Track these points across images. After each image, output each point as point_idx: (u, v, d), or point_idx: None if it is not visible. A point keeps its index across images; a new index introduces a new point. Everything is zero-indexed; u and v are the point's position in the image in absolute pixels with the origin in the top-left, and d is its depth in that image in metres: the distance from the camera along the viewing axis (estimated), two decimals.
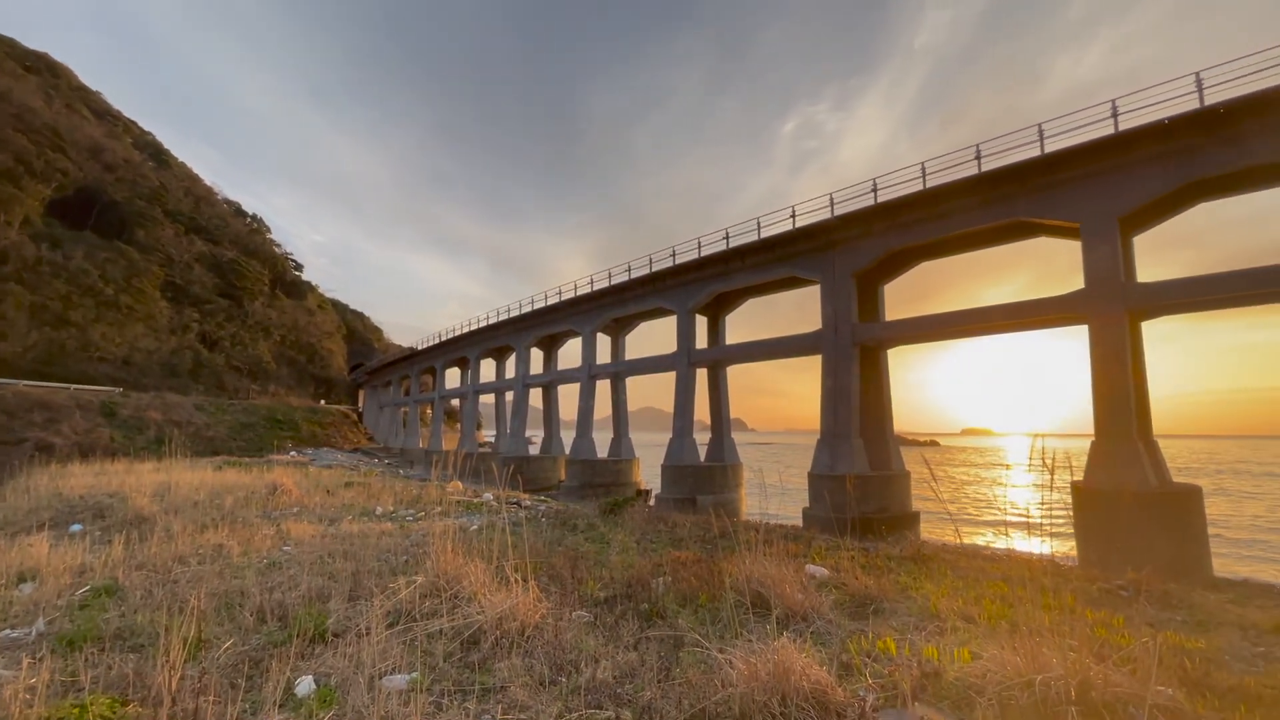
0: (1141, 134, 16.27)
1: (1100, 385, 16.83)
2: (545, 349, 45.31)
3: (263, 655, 3.93)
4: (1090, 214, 17.40)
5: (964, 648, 3.85)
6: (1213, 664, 3.94)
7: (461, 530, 8.17)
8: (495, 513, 10.66)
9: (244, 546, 7.51)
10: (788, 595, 4.76)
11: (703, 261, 28.86)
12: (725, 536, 7.75)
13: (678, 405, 30.22)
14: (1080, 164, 17.46)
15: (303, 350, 79.65)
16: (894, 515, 21.46)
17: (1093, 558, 15.05)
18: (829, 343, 23.60)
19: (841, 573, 5.79)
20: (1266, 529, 32.69)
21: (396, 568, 6.31)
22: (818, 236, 24.10)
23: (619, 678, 3.59)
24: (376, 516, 11.30)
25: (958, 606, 4.91)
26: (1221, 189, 16.94)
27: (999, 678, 3.19)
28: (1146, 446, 16.79)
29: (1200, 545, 15.33)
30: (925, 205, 20.83)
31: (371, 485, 16.57)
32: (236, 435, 49.99)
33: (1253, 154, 15.08)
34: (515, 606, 4.39)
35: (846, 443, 22.20)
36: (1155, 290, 16.65)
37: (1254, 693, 3.39)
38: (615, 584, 5.64)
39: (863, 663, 3.68)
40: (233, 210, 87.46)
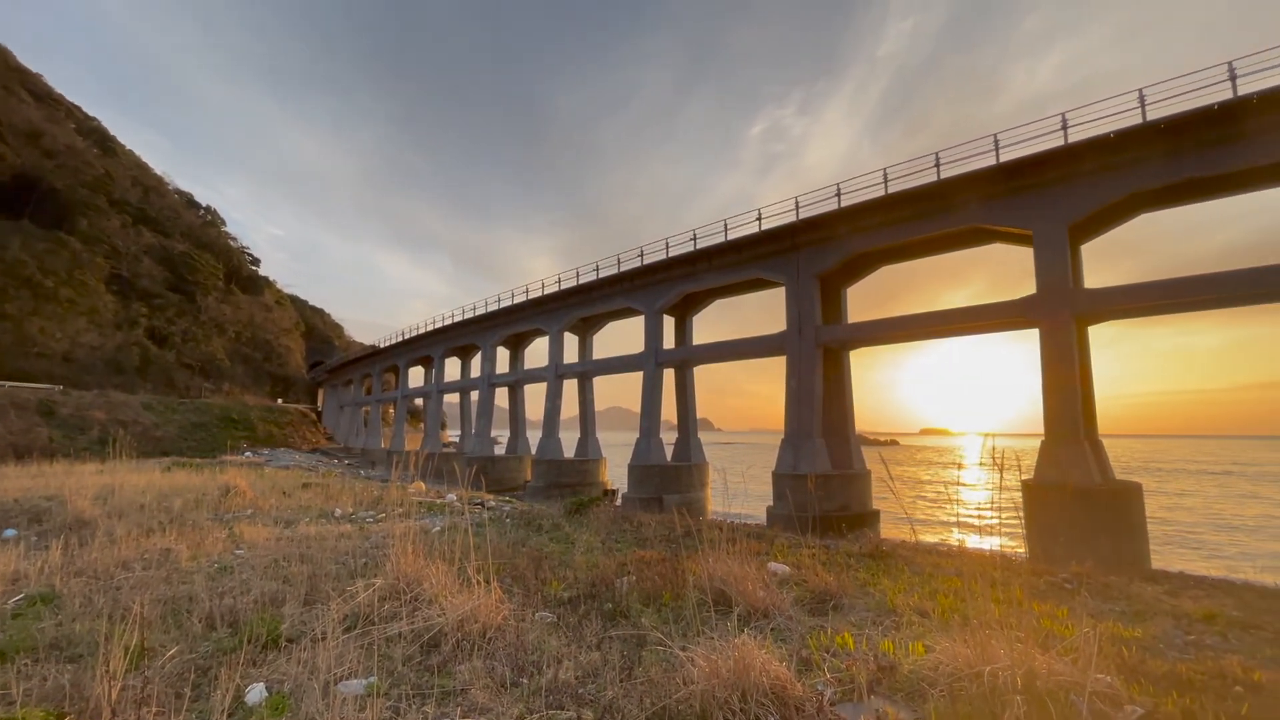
0: (1088, 146, 16.99)
1: (1050, 387, 17.52)
2: (511, 348, 44.87)
3: (211, 663, 3.79)
4: (1042, 222, 18.09)
5: (918, 641, 3.96)
6: (1148, 652, 4.14)
7: (423, 532, 8.03)
8: (458, 514, 10.51)
9: (193, 551, 7.23)
10: (750, 593, 4.82)
11: (670, 262, 28.99)
12: (690, 535, 7.80)
13: (645, 405, 30.29)
14: (1032, 174, 18.14)
15: (259, 347, 77.13)
16: (855, 513, 21.93)
17: (1041, 552, 15.65)
18: (793, 344, 23.98)
19: (803, 570, 5.89)
20: (1202, 524, 34.53)
21: (355, 570, 6.17)
22: (783, 239, 24.46)
23: (581, 678, 3.58)
24: (335, 518, 11.02)
25: (913, 601, 5.05)
26: (1161, 201, 17.83)
27: (950, 669, 3.29)
28: (1092, 445, 17.55)
29: (1140, 539, 16.08)
30: (886, 210, 21.36)
31: (330, 486, 16.15)
32: (187, 435, 48.13)
33: (1189, 168, 15.90)
34: (477, 608, 4.34)
35: (810, 442, 22.59)
36: (1101, 296, 17.41)
37: (1185, 678, 3.58)
38: (579, 584, 5.62)
39: (821, 658, 3.75)
40: (184, 201, 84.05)
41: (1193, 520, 35.66)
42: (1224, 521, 35.50)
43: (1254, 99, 14.52)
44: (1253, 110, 14.69)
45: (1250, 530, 32.43)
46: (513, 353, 44.99)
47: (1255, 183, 16.56)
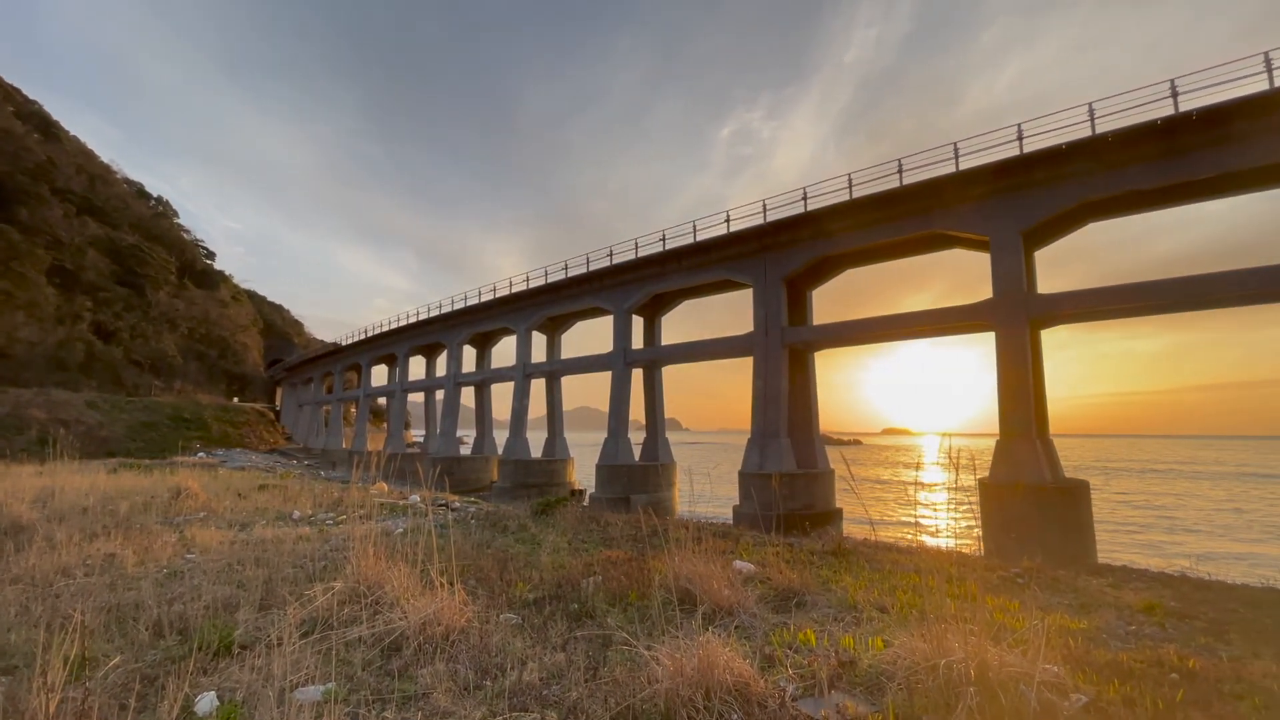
0: (1041, 157, 17.66)
1: (1005, 388, 18.13)
2: (478, 347, 44.31)
3: (159, 672, 3.64)
4: (998, 228, 18.72)
5: (878, 636, 4.05)
6: (1093, 642, 4.32)
7: (385, 534, 7.86)
8: (422, 515, 10.33)
9: (140, 556, 6.93)
10: (715, 591, 4.86)
11: (639, 262, 29.04)
12: (656, 535, 7.81)
13: (613, 405, 30.27)
14: (989, 182, 18.76)
15: (214, 344, 74.47)
16: (819, 511, 22.33)
17: (996, 548, 16.19)
18: (760, 345, 24.28)
19: (767, 568, 5.96)
20: (1144, 520, 36.22)
21: (314, 574, 6.00)
22: (751, 241, 24.75)
23: (546, 679, 3.56)
24: (293, 521, 10.70)
25: (873, 598, 5.16)
26: (1109, 210, 18.64)
27: (908, 663, 3.38)
28: (1044, 445, 18.23)
29: (1087, 534, 16.78)
30: (851, 215, 21.80)
31: (289, 488, 15.67)
32: (136, 436, 46.15)
33: (1133, 180, 16.66)
34: (440, 611, 4.27)
35: (776, 442, 22.90)
36: (1053, 301, 18.11)
37: (1126, 666, 3.75)
38: (545, 585, 5.58)
39: (784, 654, 3.80)
40: (134, 191, 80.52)
41: (1136, 516, 37.38)
42: (1164, 517, 37.32)
43: (1194, 115, 15.29)
44: (1192, 126, 15.48)
45: (1188, 525, 34.16)
46: (480, 352, 44.43)
47: (1194, 195, 17.47)
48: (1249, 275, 15.33)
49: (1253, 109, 14.83)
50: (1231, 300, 16.92)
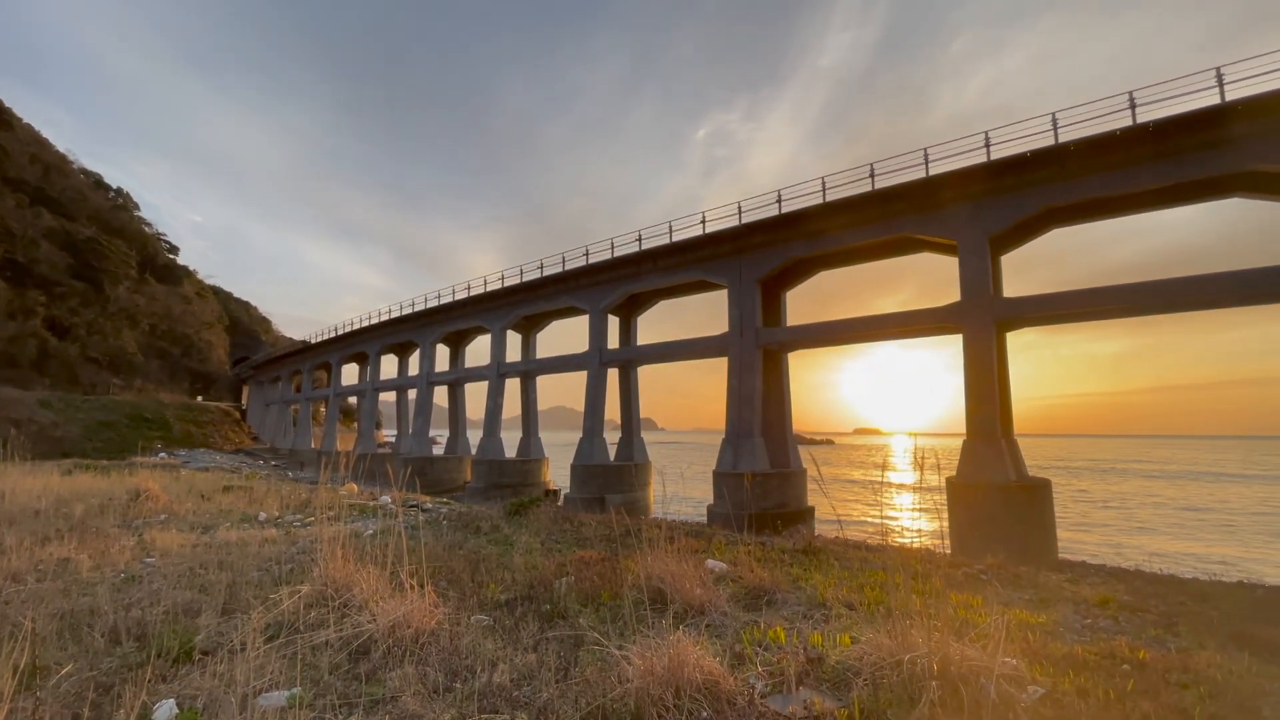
0: (1007, 164, 18.14)
1: (972, 389, 18.58)
2: (452, 346, 43.80)
3: (115, 680, 3.53)
4: (966, 233, 19.17)
5: (846, 633, 4.13)
6: (1050, 636, 4.47)
7: (355, 535, 7.74)
8: (393, 516, 10.19)
9: (96, 560, 6.71)
10: (687, 590, 4.89)
11: (615, 262, 29.03)
12: (630, 535, 7.84)
13: (588, 405, 30.20)
14: (958, 187, 19.20)
15: (177, 341, 72.24)
16: (792, 510, 22.60)
17: (962, 545, 16.60)
18: (735, 345, 24.47)
19: (739, 567, 6.02)
20: (1104, 517, 37.43)
21: (280, 577, 5.88)
22: (726, 243, 24.93)
23: (516, 680, 3.55)
24: (259, 523, 10.46)
25: (842, 595, 5.26)
26: (1072, 217, 19.24)
27: (874, 659, 3.45)
28: (1008, 444, 18.73)
29: (1049, 532, 17.29)
30: (825, 218, 22.10)
31: (255, 489, 15.31)
32: (93, 436, 44.55)
33: (1093, 188, 17.22)
34: (410, 613, 4.23)
35: (750, 442, 23.11)
36: (1018, 304, 18.61)
37: (1081, 659, 3.89)
38: (517, 586, 5.56)
39: (754, 652, 3.85)
40: (92, 182, 77.56)
41: (1094, 513, 38.62)
42: (1121, 514, 38.63)
43: (1149, 127, 15.86)
44: (1149, 137, 16.05)
45: (1143, 522, 35.41)
46: (453, 350, 43.93)
47: (1151, 204, 18.14)
48: (1201, 282, 15.96)
49: (1200, 123, 15.44)
50: (1184, 305, 17.61)
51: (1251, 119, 14.93)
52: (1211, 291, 15.88)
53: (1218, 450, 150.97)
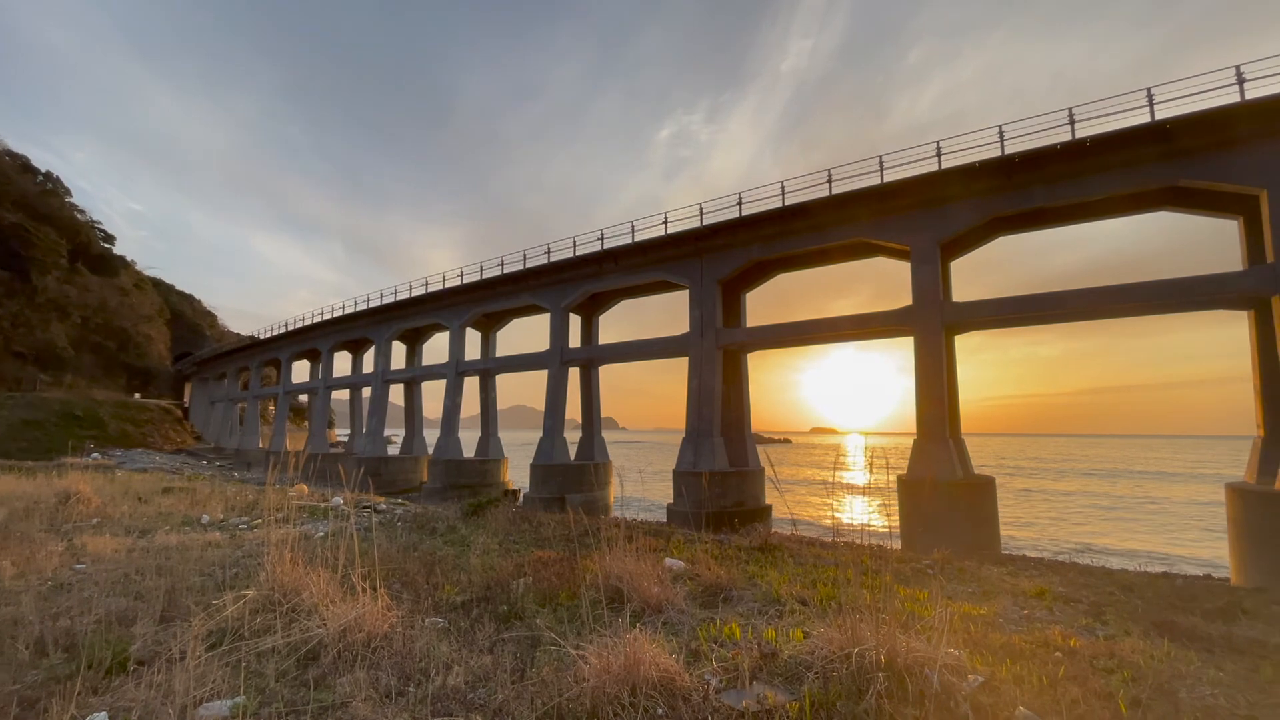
0: (957, 173, 18.84)
1: (922, 389, 19.23)
2: (409, 343, 42.85)
3: (40, 694, 3.34)
4: (918, 239, 19.82)
5: (799, 629, 4.23)
6: (990, 627, 4.68)
7: (305, 538, 7.50)
8: (345, 518, 9.92)
9: (20, 567, 6.31)
10: (645, 589, 4.92)
11: (577, 261, 28.91)
12: (589, 535, 7.84)
13: (549, 404, 30.00)
14: (910, 194, 19.84)
15: (113, 335, 68.44)
16: (750, 508, 22.95)
17: (912, 541, 17.17)
18: (696, 345, 24.69)
19: (697, 565, 6.10)
20: (1043, 512, 39.26)
21: (224, 582, 5.66)
22: (688, 244, 25.13)
23: (472, 682, 3.52)
24: (202, 526, 10.03)
25: (796, 591, 5.38)
26: (1016, 226, 20.11)
27: (825, 653, 3.55)
28: (956, 443, 19.46)
29: (992, 527, 18.04)
30: (783, 221, 22.52)
31: (197, 490, 14.65)
32: (17, 435, 41.89)
33: (1037, 198, 18.05)
34: (362, 616, 4.13)
35: (709, 441, 23.36)
36: (967, 308, 19.35)
37: (1018, 648, 4.09)
38: (474, 587, 5.49)
39: (710, 648, 3.91)
40: (17, 165, 72.62)
41: (1035, 508, 40.47)
42: (1059, 508, 40.59)
43: (1087, 142, 16.71)
44: (1087, 151, 16.91)
45: (1078, 517, 37.31)
46: (410, 348, 42.98)
47: (1091, 214, 19.12)
48: (1131, 289, 16.91)
49: (1131, 140, 16.36)
50: (1116, 312, 18.61)
51: (1177, 138, 15.89)
52: (1140, 298, 16.85)
53: (1148, 448, 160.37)
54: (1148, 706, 3.23)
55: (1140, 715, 3.13)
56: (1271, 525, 14.11)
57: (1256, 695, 3.47)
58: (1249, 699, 3.41)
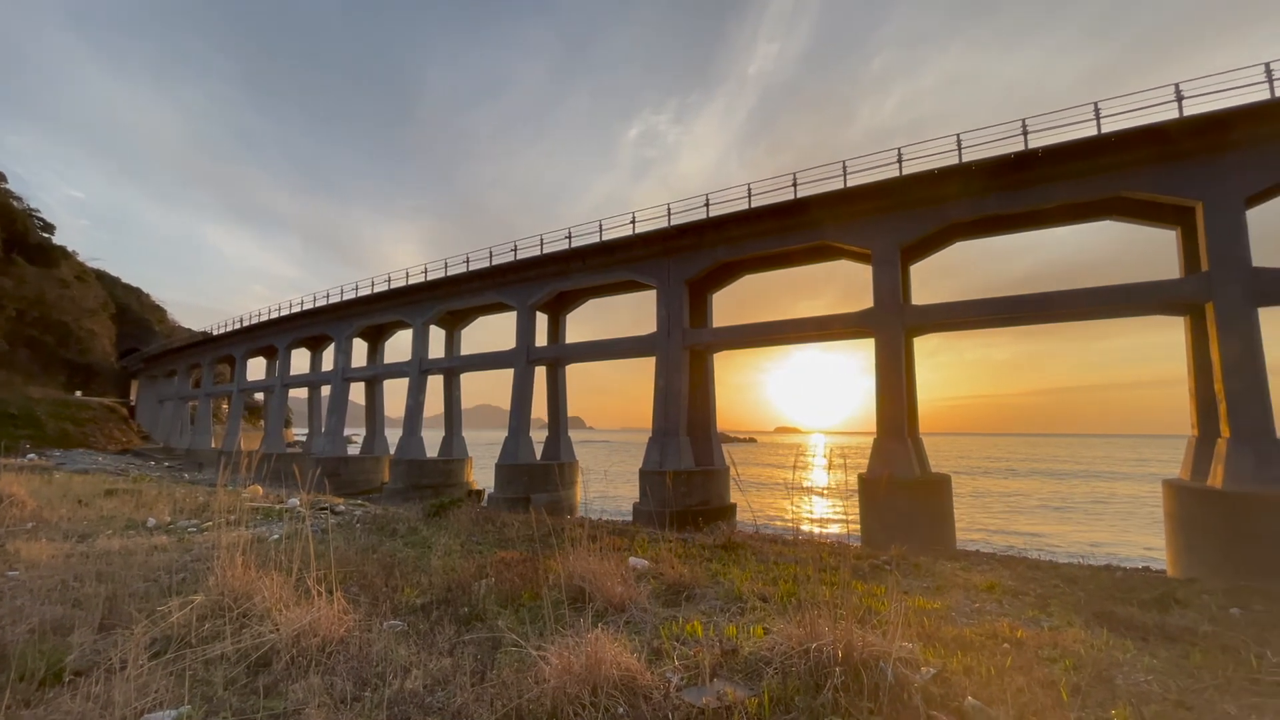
0: (917, 179, 19.36)
1: (882, 390, 19.70)
2: (370, 340, 41.87)
3: None
4: (879, 243, 20.29)
5: (759, 625, 4.30)
6: (943, 620, 4.83)
7: (258, 541, 7.27)
8: (301, 520, 9.64)
9: None
10: (608, 589, 4.93)
11: (544, 259, 28.71)
12: (554, 535, 7.80)
13: (515, 403, 29.71)
14: (872, 199, 20.30)
15: (51, 329, 65.01)
16: (715, 507, 23.15)
17: (871, 537, 17.59)
18: (663, 345, 24.78)
19: (660, 564, 6.13)
20: (996, 509, 40.66)
21: (170, 588, 5.44)
22: (655, 244, 25.20)
23: (430, 686, 3.46)
24: (148, 529, 9.61)
25: (758, 588, 5.46)
26: (973, 232, 20.78)
27: (784, 649, 3.61)
28: (914, 442, 20.00)
29: (948, 523, 18.60)
30: (750, 223, 22.79)
31: (143, 492, 14.05)
32: None
33: (992, 205, 18.68)
34: (317, 621, 4.03)
35: (675, 440, 23.48)
36: (925, 311, 19.90)
37: (968, 640, 4.23)
38: (434, 589, 5.41)
39: (672, 646, 3.93)
40: None
41: (988, 505, 41.88)
42: (1010, 505, 42.10)
43: (1039, 152, 17.37)
44: (1039, 161, 17.57)
45: (1029, 513, 38.75)
46: (372, 345, 42.01)
47: (1043, 222, 19.88)
48: (1081, 295, 17.66)
49: (1078, 151, 17.08)
50: (1070, 315, 19.41)
51: (1122, 150, 16.65)
52: (1085, 303, 17.62)
53: (1093, 447, 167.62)
54: (1086, 693, 3.38)
55: (1080, 702, 3.28)
56: (1204, 519, 14.91)
57: (1186, 680, 3.67)
58: (1179, 684, 3.60)
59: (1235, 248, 15.47)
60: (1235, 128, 15.46)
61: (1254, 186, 15.50)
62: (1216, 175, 15.79)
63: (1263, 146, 15.37)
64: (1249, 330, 15.11)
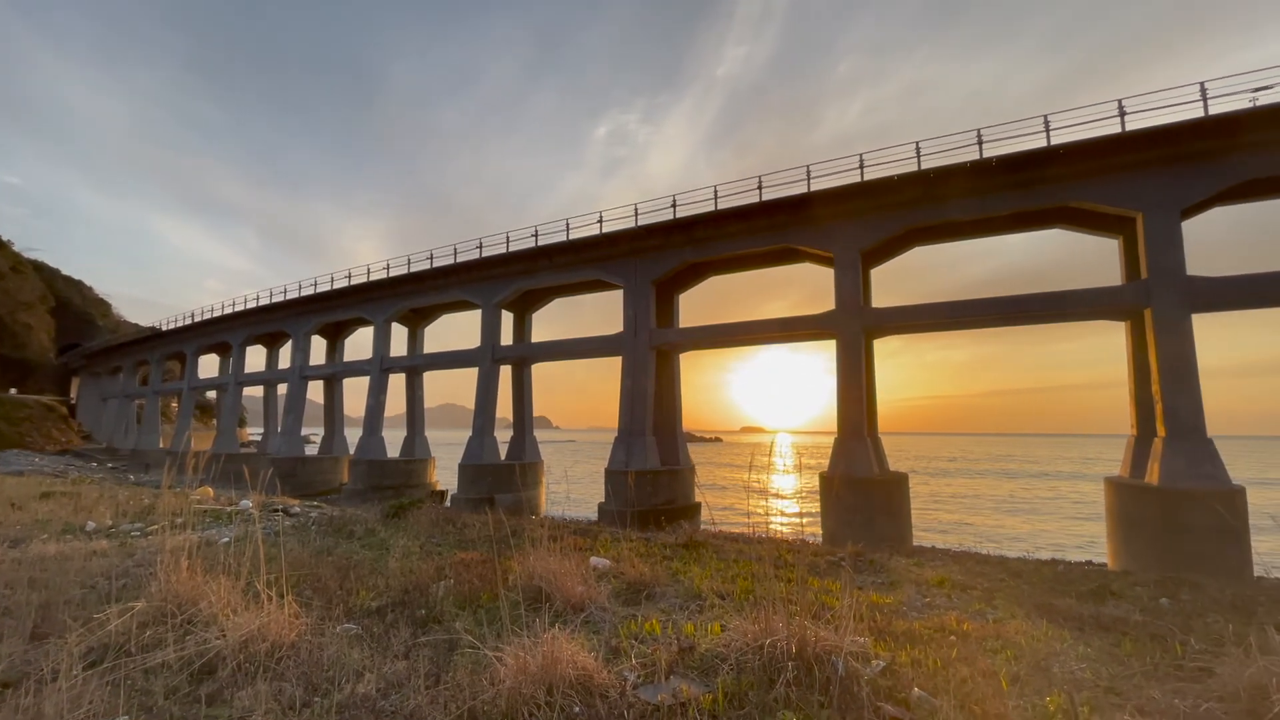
0: (876, 185, 19.82)
1: (843, 390, 20.12)
2: (330, 338, 40.77)
3: None
4: (841, 247, 20.72)
5: (717, 622, 4.36)
6: (895, 614, 4.98)
7: (206, 544, 7.03)
8: (254, 522, 9.34)
9: None
10: (568, 588, 4.92)
11: (510, 257, 28.43)
12: (516, 535, 7.75)
13: (479, 402, 29.35)
14: (834, 204, 20.71)
15: None
16: (680, 506, 23.29)
17: (832, 534, 17.96)
18: (629, 345, 24.81)
19: (622, 563, 6.15)
20: (951, 506, 41.93)
21: (110, 594, 5.21)
22: (622, 244, 25.21)
23: (384, 689, 3.41)
24: (87, 534, 9.18)
25: (717, 586, 5.53)
26: (931, 237, 21.40)
27: (740, 645, 3.67)
28: (873, 441, 20.48)
29: (905, 521, 19.11)
30: (716, 225, 23.00)
31: (83, 495, 13.41)
32: None
33: (950, 211, 19.26)
34: (266, 625, 3.92)
35: (641, 440, 23.53)
36: (884, 314, 20.40)
37: (917, 633, 4.38)
38: (391, 591, 5.32)
39: (630, 645, 3.96)
40: None
41: (944, 502, 43.17)
42: (964, 503, 43.48)
43: (993, 161, 17.99)
44: (993, 170, 18.20)
45: (981, 509, 40.09)
46: (331, 343, 40.91)
47: (997, 229, 20.60)
48: (1030, 299, 18.37)
49: (1029, 161, 17.76)
50: (1021, 319, 20.15)
51: (1070, 162, 17.38)
52: (1034, 308, 18.36)
53: (1052, 447, 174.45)
54: (1025, 682, 3.53)
55: (1019, 690, 3.42)
56: (1140, 514, 15.68)
57: (1117, 668, 3.87)
58: (1111, 671, 3.80)
59: (1172, 257, 16.30)
60: (1170, 143, 16.30)
61: (1189, 199, 16.36)
62: (1155, 188, 16.62)
63: (1197, 162, 16.24)
64: (1183, 335, 15.95)
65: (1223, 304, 16.47)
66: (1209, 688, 3.34)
